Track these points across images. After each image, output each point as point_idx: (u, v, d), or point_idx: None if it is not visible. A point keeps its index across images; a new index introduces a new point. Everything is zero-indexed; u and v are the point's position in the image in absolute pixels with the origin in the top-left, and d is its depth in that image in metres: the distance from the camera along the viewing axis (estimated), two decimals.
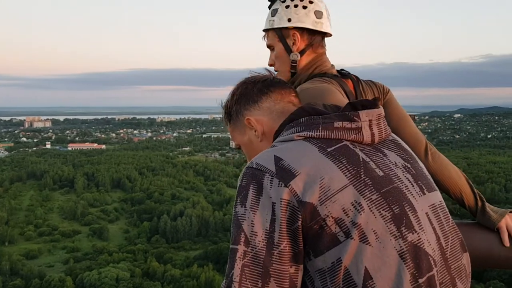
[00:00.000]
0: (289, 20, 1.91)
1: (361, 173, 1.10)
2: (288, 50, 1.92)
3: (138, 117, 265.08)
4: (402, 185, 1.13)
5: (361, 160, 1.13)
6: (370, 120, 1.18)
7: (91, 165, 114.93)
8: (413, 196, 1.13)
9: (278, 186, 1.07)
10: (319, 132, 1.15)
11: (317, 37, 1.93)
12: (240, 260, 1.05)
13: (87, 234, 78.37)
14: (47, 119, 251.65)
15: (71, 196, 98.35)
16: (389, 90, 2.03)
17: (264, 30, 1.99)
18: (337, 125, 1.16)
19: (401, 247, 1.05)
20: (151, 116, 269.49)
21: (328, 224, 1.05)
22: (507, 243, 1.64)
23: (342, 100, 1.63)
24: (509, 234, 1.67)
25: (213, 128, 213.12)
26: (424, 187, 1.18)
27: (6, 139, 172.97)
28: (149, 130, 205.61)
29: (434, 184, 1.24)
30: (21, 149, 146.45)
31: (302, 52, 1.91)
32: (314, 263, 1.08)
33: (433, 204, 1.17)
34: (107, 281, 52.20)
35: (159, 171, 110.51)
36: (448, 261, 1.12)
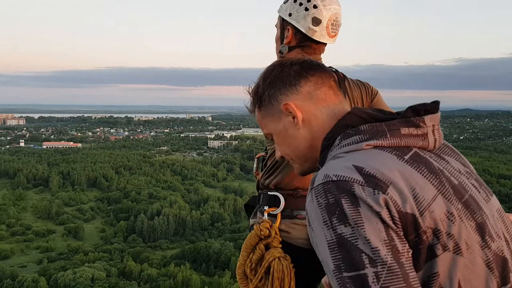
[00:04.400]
0: (290, 14, 2.01)
1: (444, 182, 1.05)
2: (281, 39, 2.06)
3: (115, 115, 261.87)
4: (474, 193, 1.09)
5: (437, 168, 1.07)
6: (433, 126, 1.12)
7: (67, 163, 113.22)
8: (483, 203, 1.10)
9: (374, 194, 0.97)
10: (389, 140, 1.07)
11: (309, 42, 2.01)
12: (375, 285, 0.91)
13: (62, 233, 77.33)
14: (21, 117, 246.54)
15: (45, 195, 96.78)
16: (377, 91, 2.17)
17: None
18: (404, 131, 1.09)
19: (487, 256, 1.02)
20: (128, 115, 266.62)
21: (427, 236, 0.98)
22: None
23: None
24: None
25: (191, 127, 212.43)
26: (487, 193, 1.14)
27: None
28: (126, 129, 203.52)
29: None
30: None
31: (291, 48, 2.03)
32: None
33: (498, 208, 1.14)
34: (82, 281, 51.67)
35: (136, 170, 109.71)
36: None
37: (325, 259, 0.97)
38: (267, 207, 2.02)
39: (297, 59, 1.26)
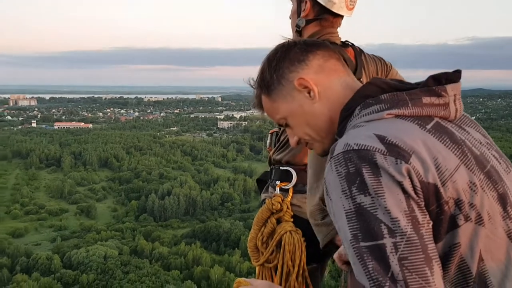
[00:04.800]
0: None
1: (466, 152, 1.03)
2: (298, 13, 2.02)
3: (125, 96, 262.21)
4: (495, 164, 1.08)
5: (459, 138, 1.06)
6: (455, 95, 1.10)
7: (78, 144, 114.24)
8: (504, 174, 1.08)
9: (397, 163, 0.95)
10: (410, 109, 1.05)
11: (327, 15, 1.97)
12: (393, 255, 0.90)
13: (74, 212, 78.47)
14: (32, 98, 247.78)
15: (58, 175, 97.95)
16: (391, 65, 2.17)
17: None
18: (426, 101, 1.07)
19: (508, 227, 1.02)
20: (138, 96, 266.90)
21: (449, 207, 0.97)
22: None
23: None
24: None
25: (201, 108, 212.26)
26: (507, 164, 1.13)
27: None
28: (136, 109, 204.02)
29: None
30: (6, 128, 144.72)
31: (309, 21, 2.00)
32: None
33: None
34: (95, 259, 52.65)
35: (147, 151, 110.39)
36: None
37: (343, 229, 0.96)
38: (279, 181, 2.04)
39: (298, 39, 1.26)
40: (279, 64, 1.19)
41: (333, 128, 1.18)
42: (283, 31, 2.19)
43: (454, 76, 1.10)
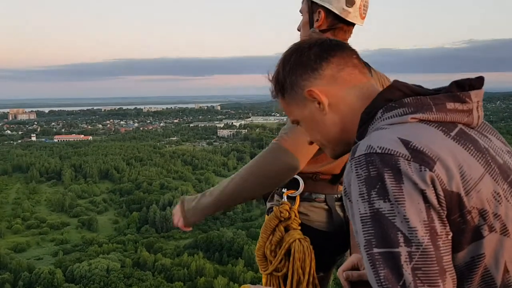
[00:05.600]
0: None
1: (490, 161, 1.01)
2: (311, 24, 1.99)
3: (124, 107, 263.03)
4: None
5: (483, 146, 1.03)
6: (478, 102, 1.08)
7: (78, 156, 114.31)
8: None
9: (421, 171, 0.93)
10: (435, 114, 1.03)
11: (341, 24, 1.94)
12: (407, 264, 0.89)
13: (76, 226, 78.32)
14: (32, 111, 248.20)
15: (58, 188, 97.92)
16: None
17: None
18: (450, 106, 1.04)
19: None
20: (138, 106, 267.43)
21: (472, 217, 0.95)
22: None
23: None
24: None
25: (200, 117, 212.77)
26: None
27: None
28: (135, 120, 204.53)
29: None
30: (6, 142, 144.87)
31: (322, 31, 1.97)
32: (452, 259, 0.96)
33: None
34: (97, 272, 52.48)
35: (147, 161, 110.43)
36: None
37: (359, 233, 0.96)
38: (286, 189, 2.00)
39: (315, 40, 1.20)
40: (292, 69, 1.17)
41: (345, 137, 1.16)
42: (283, 40, 2.13)
43: (477, 83, 1.08)
